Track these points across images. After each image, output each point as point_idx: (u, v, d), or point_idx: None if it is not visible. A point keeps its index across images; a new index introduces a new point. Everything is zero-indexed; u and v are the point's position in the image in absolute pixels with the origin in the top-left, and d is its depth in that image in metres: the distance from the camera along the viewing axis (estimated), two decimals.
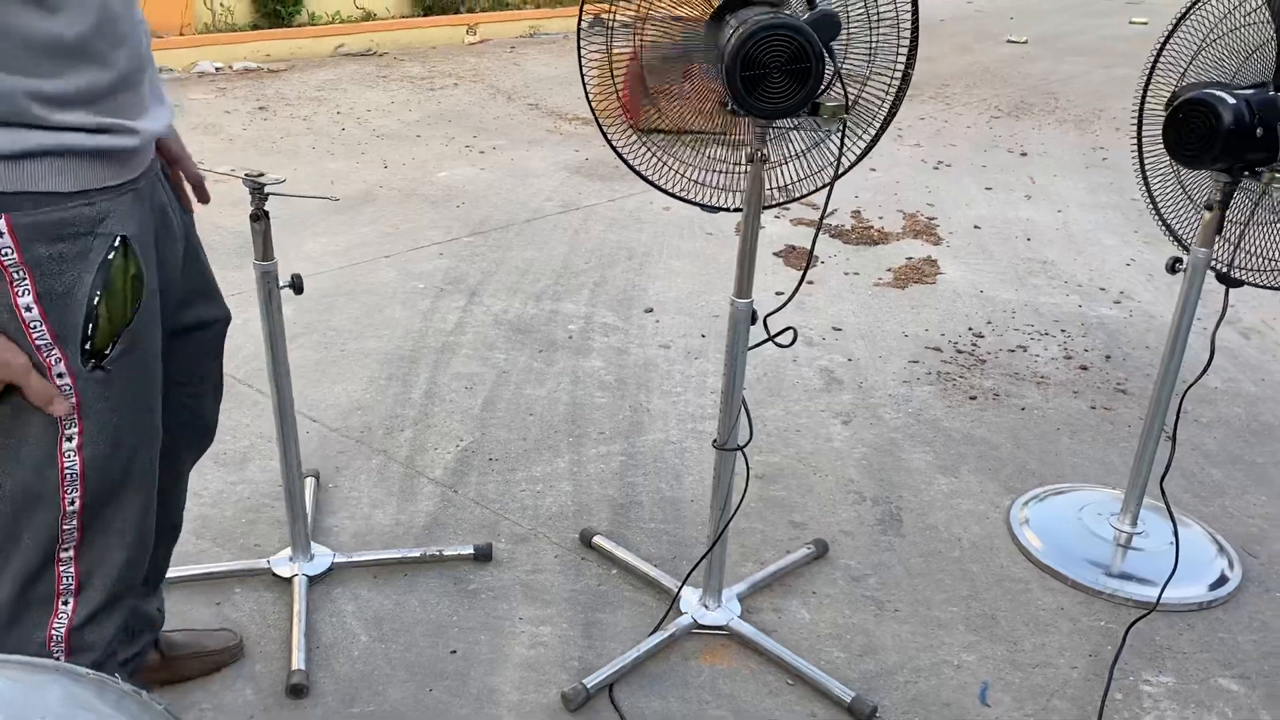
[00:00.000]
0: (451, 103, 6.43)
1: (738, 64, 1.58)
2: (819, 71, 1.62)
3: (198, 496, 2.41)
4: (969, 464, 2.71)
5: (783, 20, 1.59)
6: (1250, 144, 1.88)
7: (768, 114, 1.65)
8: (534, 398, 2.93)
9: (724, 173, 1.84)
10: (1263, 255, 2.14)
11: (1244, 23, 2.09)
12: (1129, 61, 9.05)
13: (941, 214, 4.74)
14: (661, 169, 1.83)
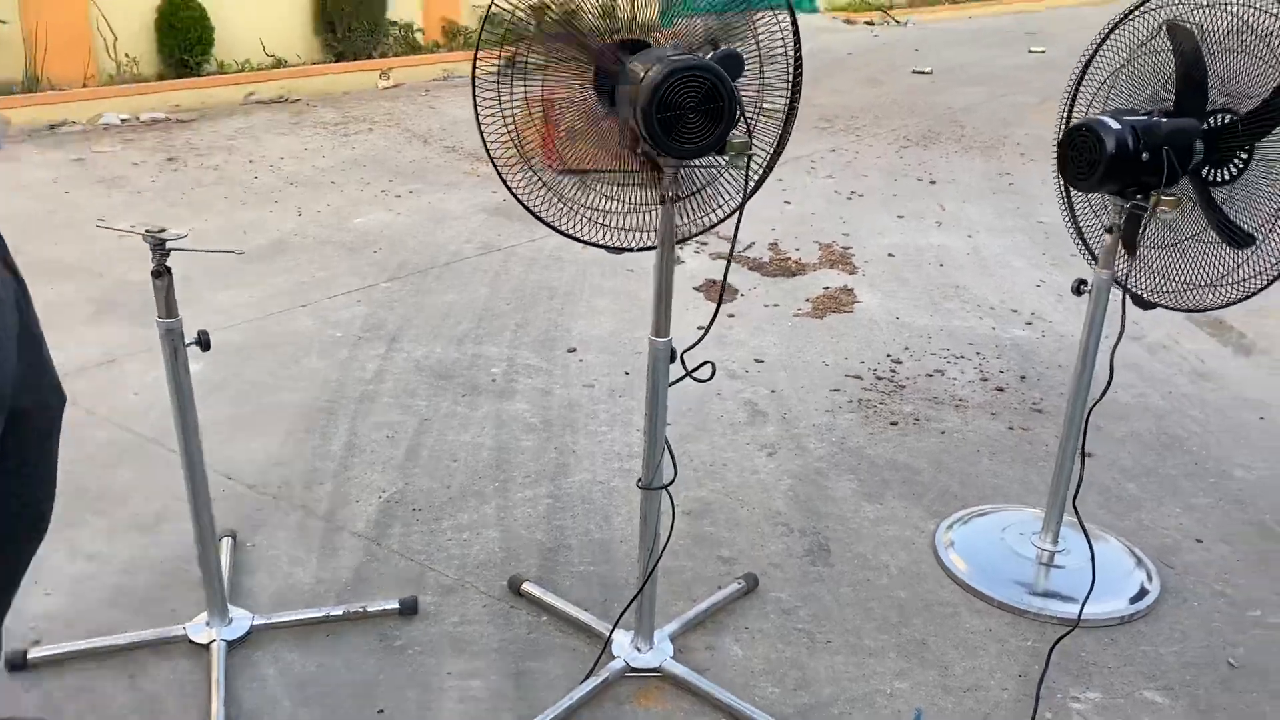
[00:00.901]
0: (366, 148, 6.38)
1: (654, 106, 1.59)
2: (732, 110, 1.64)
3: (108, 563, 2.32)
4: (893, 490, 2.73)
5: (695, 61, 1.61)
6: (1137, 168, 1.95)
7: (685, 154, 1.66)
8: (458, 444, 2.89)
9: (627, 213, 1.84)
10: (1171, 277, 2.21)
11: (1155, 50, 2.16)
12: (1029, 89, 9.37)
13: (856, 243, 4.83)
14: (564, 211, 1.83)
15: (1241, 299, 2.06)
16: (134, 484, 2.64)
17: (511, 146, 1.76)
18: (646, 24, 1.77)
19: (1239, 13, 2.00)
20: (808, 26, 13.62)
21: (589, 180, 1.82)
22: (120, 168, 5.74)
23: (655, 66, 1.62)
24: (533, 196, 1.81)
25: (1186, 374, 3.48)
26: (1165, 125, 1.96)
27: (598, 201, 1.82)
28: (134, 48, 7.45)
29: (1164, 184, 1.94)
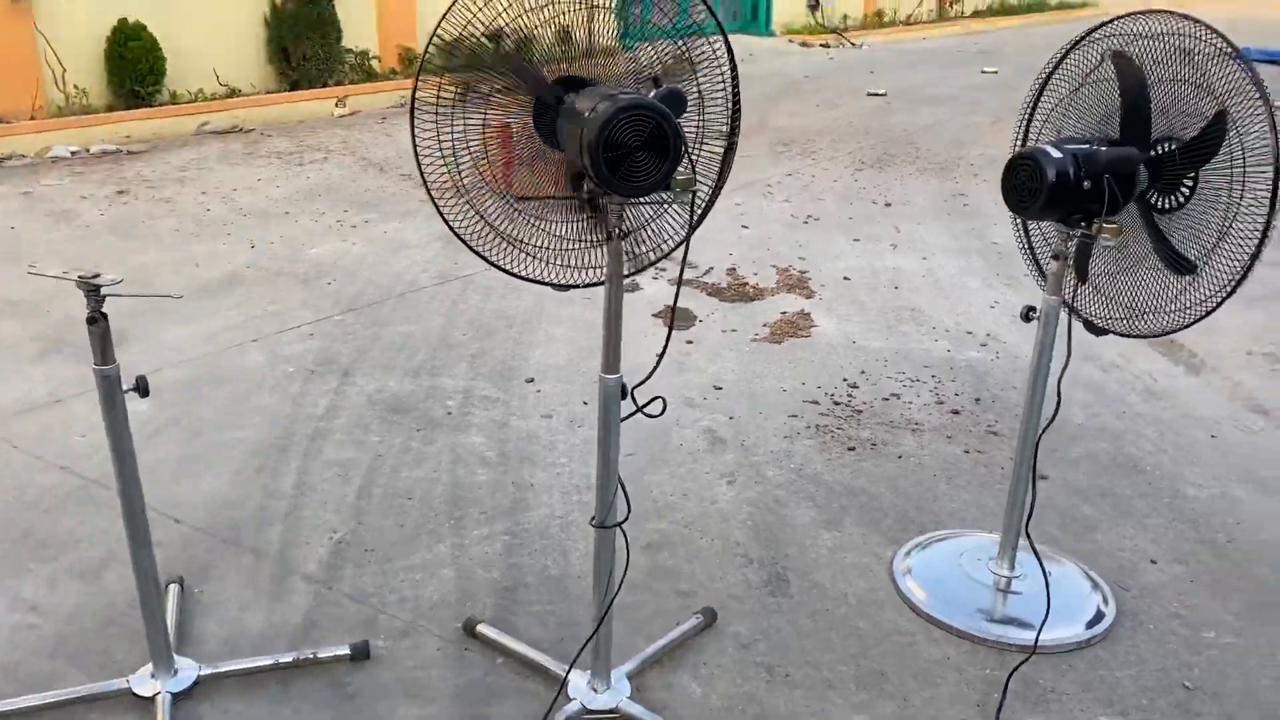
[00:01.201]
0: (321, 177, 6.33)
1: (600, 145, 1.58)
2: (677, 148, 1.64)
3: (50, 613, 2.26)
4: (851, 516, 2.73)
5: (641, 100, 1.61)
6: (1080, 197, 1.96)
7: (632, 192, 1.66)
8: (412, 480, 2.85)
9: (572, 250, 1.83)
10: (1120, 303, 2.23)
11: (1101, 79, 2.18)
12: (982, 109, 9.50)
13: (813, 267, 4.85)
14: (506, 248, 1.81)
15: (1183, 326, 2.08)
16: (78, 529, 2.58)
17: (450, 179, 1.74)
18: (588, 59, 1.77)
19: (1177, 43, 2.03)
20: (764, 49, 13.79)
21: (536, 214, 1.81)
22: (69, 201, 5.65)
23: (601, 105, 1.61)
24: (474, 232, 1.79)
25: (1139, 393, 3.52)
26: (1105, 154, 1.98)
27: (541, 239, 1.81)
28: (83, 79, 7.35)
29: (1105, 212, 1.95)
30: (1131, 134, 2.09)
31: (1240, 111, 1.96)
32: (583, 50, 1.78)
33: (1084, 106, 2.20)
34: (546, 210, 1.81)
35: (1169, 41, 2.04)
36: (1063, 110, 2.25)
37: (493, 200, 1.79)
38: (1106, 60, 2.16)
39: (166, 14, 7.77)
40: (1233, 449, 3.13)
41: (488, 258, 1.81)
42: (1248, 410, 3.40)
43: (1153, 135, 2.07)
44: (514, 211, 1.79)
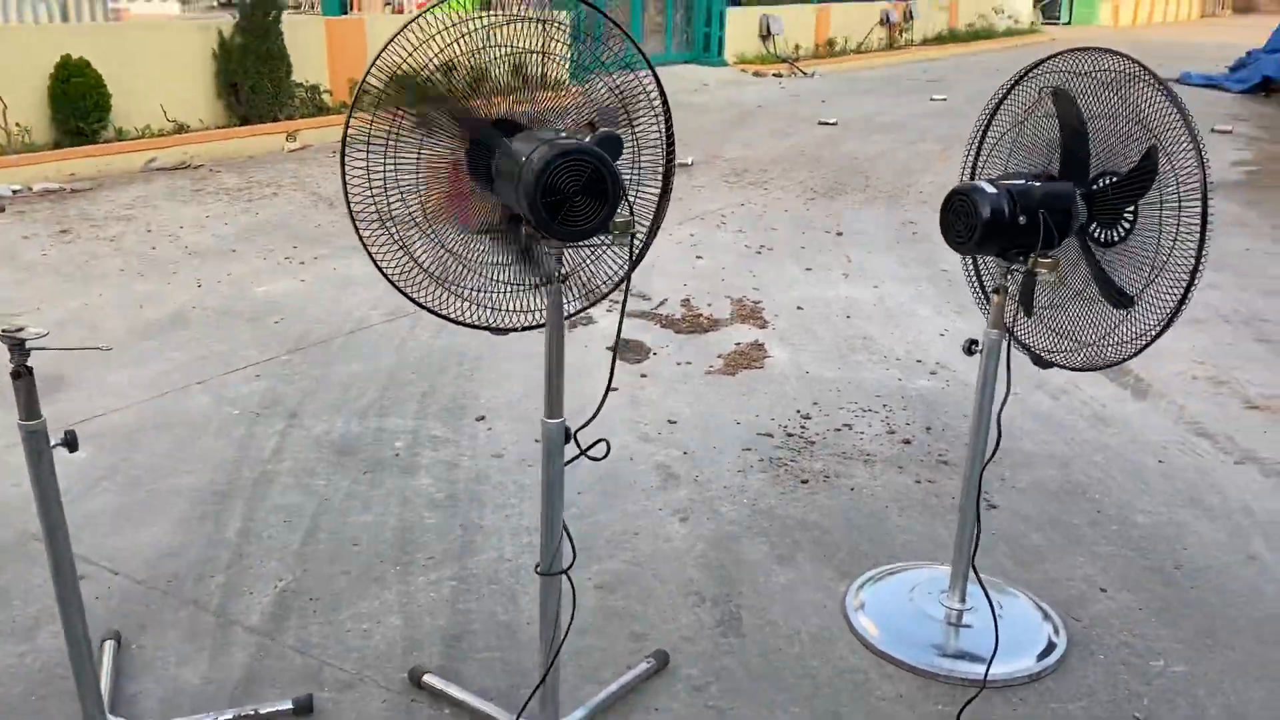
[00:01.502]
0: (270, 213, 6.26)
1: (539, 190, 1.57)
2: (616, 192, 1.63)
3: None
4: (805, 551, 2.72)
5: (579, 145, 1.60)
6: (1015, 232, 1.98)
7: (572, 236, 1.65)
8: (358, 525, 2.80)
9: (511, 293, 1.81)
10: (1063, 335, 2.24)
11: (1043, 115, 2.20)
12: (932, 136, 9.63)
13: (766, 297, 4.86)
14: (440, 293, 1.79)
15: (1122, 360, 2.09)
16: (11, 586, 2.50)
17: (380, 218, 1.72)
18: (532, 96, 1.76)
19: (1111, 79, 2.06)
20: (717, 79, 13.90)
21: (471, 258, 1.79)
22: (9, 241, 5.54)
23: (538, 149, 1.60)
24: (406, 275, 1.76)
25: (1087, 419, 3.55)
26: (1039, 190, 2.00)
27: (477, 282, 1.79)
28: (25, 116, 7.23)
29: (1040, 247, 1.97)
30: (1070, 169, 2.11)
31: (1174, 146, 1.99)
32: (535, 83, 1.77)
33: (1028, 142, 2.22)
34: (482, 253, 1.79)
35: (1104, 78, 2.07)
36: (1008, 145, 2.27)
37: (425, 241, 1.76)
38: (1046, 97, 2.18)
39: (111, 50, 7.68)
40: (1179, 474, 3.16)
41: (421, 302, 1.79)
42: (1193, 434, 3.45)
43: (1091, 170, 2.09)
44: (446, 255, 1.77)
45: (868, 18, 18.59)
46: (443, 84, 1.74)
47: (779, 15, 15.95)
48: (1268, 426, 3.51)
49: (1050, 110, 2.15)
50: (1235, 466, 3.22)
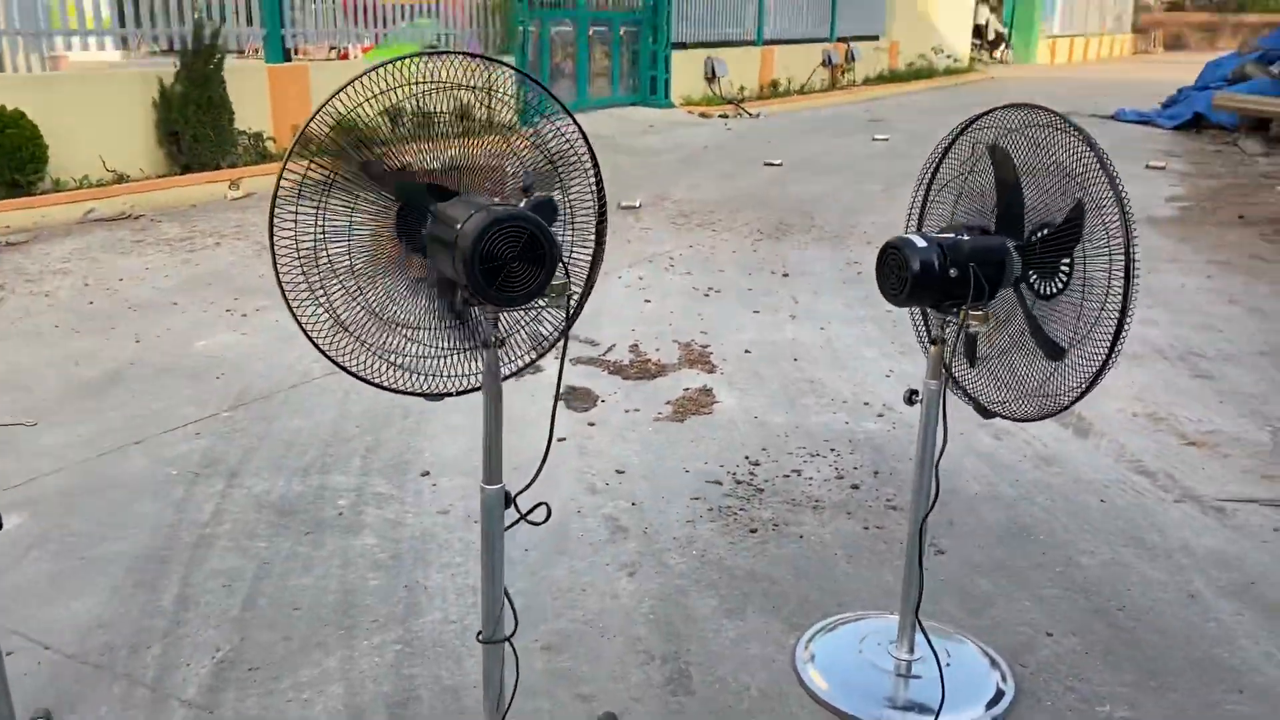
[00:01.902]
0: (212, 264, 6.18)
1: (476, 256, 1.56)
2: (553, 257, 1.63)
3: None
4: (754, 603, 2.70)
5: (515, 211, 1.60)
6: (947, 284, 2.00)
7: (510, 302, 1.64)
8: (300, 588, 2.74)
9: (441, 357, 1.80)
10: (1002, 386, 2.26)
11: (983, 169, 2.22)
12: (875, 177, 9.78)
13: (714, 341, 4.88)
14: (367, 357, 1.77)
15: (1056, 411, 2.11)
16: None
17: (305, 280, 1.70)
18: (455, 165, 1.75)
19: (1040, 137, 2.09)
20: (664, 121, 14.03)
21: (402, 323, 1.77)
22: None
23: (474, 216, 1.59)
24: (333, 341, 1.74)
25: (1031, 459, 3.59)
26: (967, 244, 2.03)
27: (411, 347, 1.77)
28: None
29: (970, 300, 2.00)
30: (1007, 223, 2.14)
31: (1103, 200, 2.02)
32: (477, 131, 1.77)
33: (973, 192, 2.25)
34: (413, 317, 1.77)
35: (1035, 135, 2.10)
36: (952, 195, 2.30)
37: (351, 303, 1.74)
38: (983, 153, 2.22)
39: (48, 100, 7.58)
40: (1121, 513, 3.21)
41: (349, 368, 1.76)
42: (1134, 473, 3.50)
43: (1028, 224, 2.12)
44: (373, 318, 1.75)
45: (810, 59, 18.92)
46: (382, 138, 1.73)
47: (723, 58, 16.18)
48: (1204, 463, 3.58)
49: (985, 166, 2.19)
50: (1175, 504, 3.27)
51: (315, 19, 10.21)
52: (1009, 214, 2.12)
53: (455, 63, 1.72)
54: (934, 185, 2.31)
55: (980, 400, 2.31)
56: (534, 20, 13.00)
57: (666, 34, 14.95)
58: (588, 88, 14.28)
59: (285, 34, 9.74)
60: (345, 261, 1.73)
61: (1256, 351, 4.76)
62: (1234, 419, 3.97)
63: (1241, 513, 3.22)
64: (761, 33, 17.49)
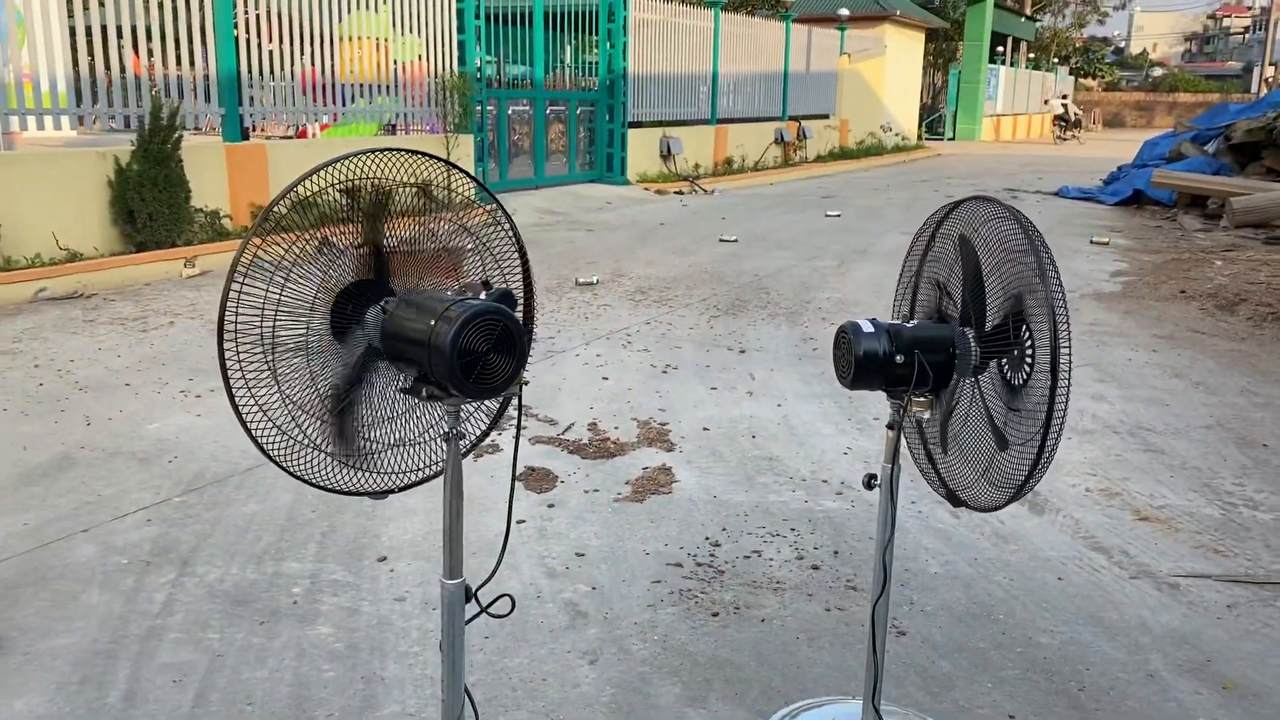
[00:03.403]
0: (166, 343, 6.12)
1: (455, 352, 1.57)
2: (524, 346, 1.65)
3: None
4: (716, 690, 2.68)
5: (489, 306, 1.62)
6: (895, 370, 2.04)
7: (486, 394, 1.65)
8: (253, 682, 2.67)
9: (382, 452, 1.80)
10: (954, 473, 2.28)
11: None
12: (828, 253, 9.96)
13: (672, 418, 4.89)
14: (306, 455, 1.76)
15: (1002, 504, 2.11)
16: None
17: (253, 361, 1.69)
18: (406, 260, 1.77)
19: (1001, 227, 2.13)
20: (620, 198, 14.22)
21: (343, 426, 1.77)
22: None
23: (450, 311, 1.60)
24: (270, 440, 1.72)
25: (989, 537, 3.62)
26: (910, 330, 2.08)
27: (351, 443, 1.76)
28: None
29: (914, 386, 2.03)
30: (969, 311, 2.18)
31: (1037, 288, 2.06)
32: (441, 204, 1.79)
33: (945, 284, 2.28)
34: (355, 420, 1.77)
35: (998, 225, 2.14)
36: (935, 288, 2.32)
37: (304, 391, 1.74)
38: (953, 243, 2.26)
39: (1, 178, 7.52)
40: (1078, 590, 3.23)
41: (288, 467, 1.74)
42: (1089, 549, 3.54)
43: (991, 314, 2.15)
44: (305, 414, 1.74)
45: (763, 136, 19.34)
46: (340, 215, 1.75)
47: (678, 136, 16.49)
48: (1157, 538, 3.63)
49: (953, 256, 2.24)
50: (1130, 581, 3.30)
51: (273, 97, 10.28)
52: (972, 302, 2.17)
53: (403, 160, 1.74)
54: (909, 274, 2.36)
55: (951, 487, 2.32)
56: (491, 100, 13.19)
57: (623, 113, 15.23)
58: (545, 165, 14.46)
59: (243, 112, 9.79)
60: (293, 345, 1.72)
61: (1203, 425, 4.87)
62: (1184, 493, 4.04)
63: (1195, 589, 3.26)
64: (715, 111, 17.88)
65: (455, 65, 12.31)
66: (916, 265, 2.35)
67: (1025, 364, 2.13)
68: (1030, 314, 2.03)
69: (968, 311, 2.17)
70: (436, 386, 1.62)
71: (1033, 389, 2.11)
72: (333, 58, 10.77)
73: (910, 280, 2.37)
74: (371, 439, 1.83)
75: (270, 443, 1.75)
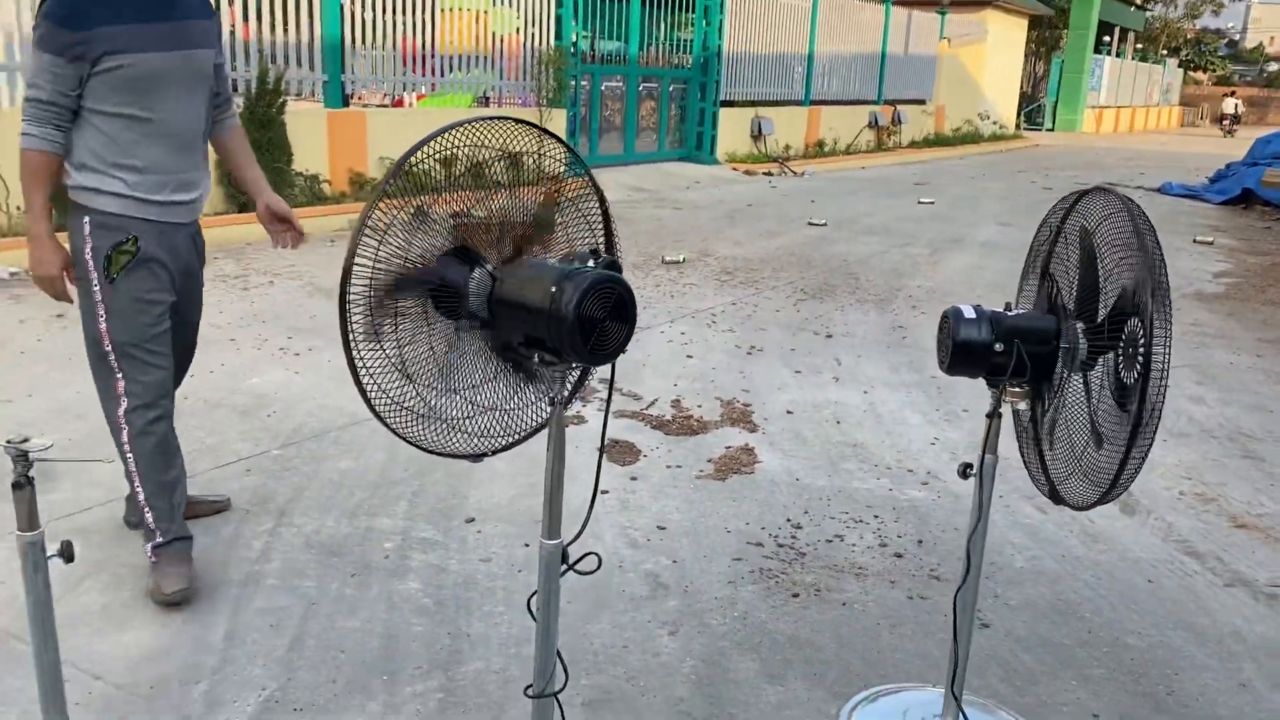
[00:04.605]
0: (266, 302, 6.31)
1: (577, 319, 1.60)
2: (634, 313, 1.68)
3: None
4: (795, 669, 2.69)
5: (604, 274, 1.65)
6: (994, 358, 2.02)
7: (603, 360, 1.68)
8: (346, 631, 2.77)
9: (480, 416, 1.84)
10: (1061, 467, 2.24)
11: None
12: (920, 240, 9.81)
13: (756, 399, 4.89)
14: (419, 422, 1.81)
15: (1093, 504, 2.07)
16: None
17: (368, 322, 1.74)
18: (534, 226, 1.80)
19: (1115, 225, 2.08)
20: (708, 177, 14.18)
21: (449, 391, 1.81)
22: (6, 327, 5.55)
23: (569, 280, 1.63)
24: (382, 401, 1.78)
25: (1077, 535, 3.56)
26: (1010, 319, 2.06)
27: (460, 407, 1.81)
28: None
29: (1009, 376, 2.01)
30: (1082, 304, 2.14)
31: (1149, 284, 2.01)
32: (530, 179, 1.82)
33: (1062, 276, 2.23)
34: (460, 378, 1.81)
35: (1116, 222, 2.09)
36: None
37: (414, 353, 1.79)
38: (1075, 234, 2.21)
39: None
40: (1169, 595, 3.17)
41: (399, 431, 1.79)
42: (1182, 553, 3.46)
43: (1104, 308, 2.10)
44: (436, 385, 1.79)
45: (857, 120, 19.08)
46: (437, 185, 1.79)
47: (770, 116, 16.36)
48: (1255, 547, 3.53)
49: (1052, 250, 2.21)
50: (1225, 589, 3.22)
51: (373, 65, 10.47)
52: (1084, 295, 2.13)
53: (506, 128, 1.77)
54: (1030, 264, 2.32)
55: (1055, 483, 2.29)
56: (585, 75, 13.24)
57: (715, 91, 15.16)
58: (635, 142, 14.48)
59: (345, 80, 10.00)
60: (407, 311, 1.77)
61: None
62: None
63: None
64: (809, 92, 17.69)
65: (551, 39, 12.39)
66: (1039, 256, 2.31)
67: (1136, 362, 2.08)
68: (1143, 312, 1.99)
69: (1080, 305, 2.13)
70: (550, 351, 1.66)
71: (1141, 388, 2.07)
72: (432, 28, 10.92)
73: (1033, 269, 2.33)
74: (469, 403, 1.88)
75: (378, 404, 1.81)
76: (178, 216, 2.88)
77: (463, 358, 1.84)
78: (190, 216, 2.96)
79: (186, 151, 2.85)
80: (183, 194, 2.87)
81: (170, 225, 2.86)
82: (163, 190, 2.81)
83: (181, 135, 2.82)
